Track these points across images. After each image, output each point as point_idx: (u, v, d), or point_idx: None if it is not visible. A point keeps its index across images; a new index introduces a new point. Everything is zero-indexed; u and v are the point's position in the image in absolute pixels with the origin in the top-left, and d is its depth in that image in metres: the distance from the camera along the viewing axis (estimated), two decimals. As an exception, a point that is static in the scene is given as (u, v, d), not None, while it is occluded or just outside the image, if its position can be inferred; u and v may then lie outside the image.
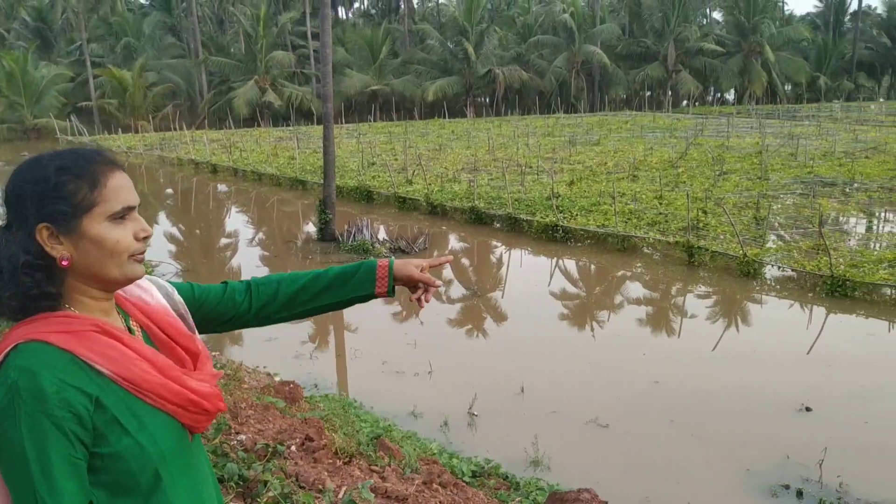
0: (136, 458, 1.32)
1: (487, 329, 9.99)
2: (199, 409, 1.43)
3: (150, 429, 1.34)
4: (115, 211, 1.35)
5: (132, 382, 1.33)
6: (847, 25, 56.22)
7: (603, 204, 14.95)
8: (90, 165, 1.35)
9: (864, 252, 11.70)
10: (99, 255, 1.34)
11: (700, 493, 5.57)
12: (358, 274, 1.81)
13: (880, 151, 22.81)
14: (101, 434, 1.29)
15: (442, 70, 43.86)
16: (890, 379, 7.95)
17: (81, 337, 1.31)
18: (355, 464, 3.46)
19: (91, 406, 1.27)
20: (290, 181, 21.19)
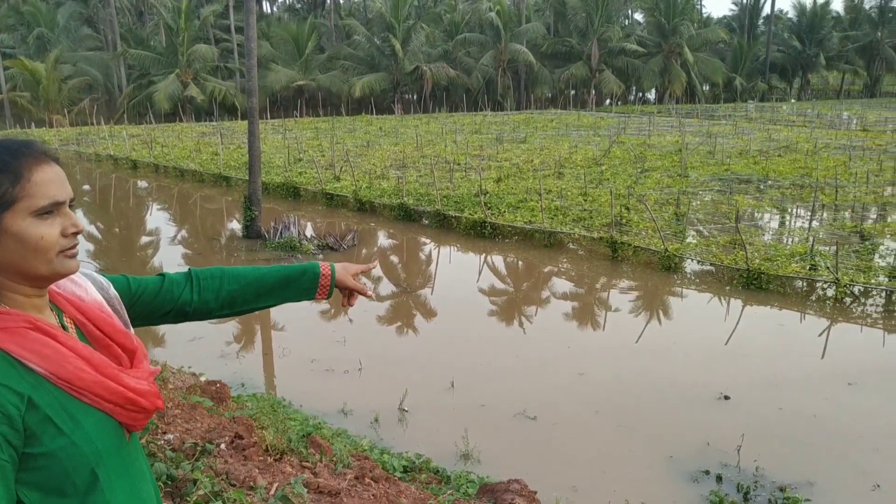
0: (72, 458, 1.28)
1: (417, 325, 10.01)
2: (137, 407, 1.39)
3: (85, 428, 1.31)
4: (39, 206, 1.30)
5: (67, 381, 1.30)
6: (761, 28, 58.45)
7: (530, 201, 15.15)
8: (14, 159, 1.30)
9: (777, 246, 12.19)
10: (23, 253, 1.30)
11: (625, 481, 5.73)
12: (302, 279, 1.85)
13: (792, 150, 23.80)
14: (33, 434, 1.25)
15: (369, 66, 43.63)
16: (802, 368, 8.32)
17: (13, 334, 1.28)
18: (286, 460, 3.43)
19: (22, 406, 1.23)
20: (213, 177, 20.75)
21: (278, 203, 17.28)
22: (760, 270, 10.68)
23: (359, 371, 8.04)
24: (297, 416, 6.13)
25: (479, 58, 45.27)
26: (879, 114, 38.25)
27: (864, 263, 11.17)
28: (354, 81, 41.41)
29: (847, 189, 17.01)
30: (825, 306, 10.19)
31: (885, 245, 12.49)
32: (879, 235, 13.01)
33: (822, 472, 6.00)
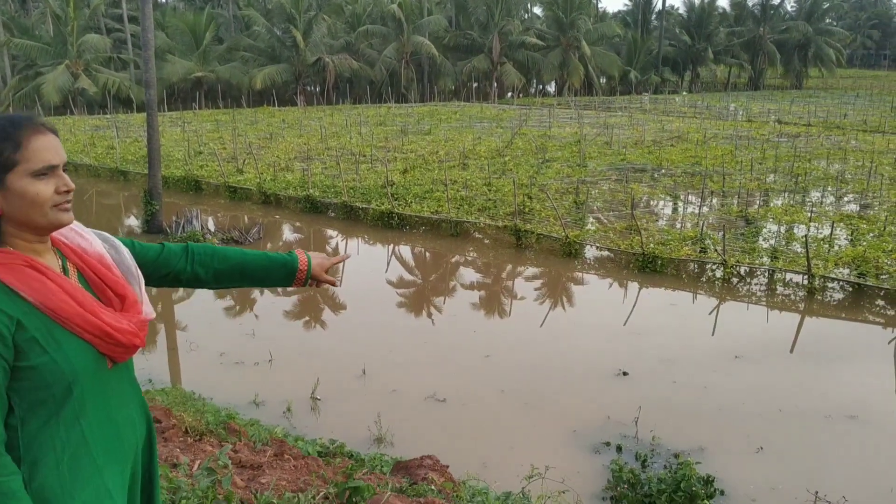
0: (51, 373, 1.58)
1: (327, 317, 10.07)
2: (114, 340, 1.67)
3: (65, 350, 1.60)
4: (36, 169, 1.59)
5: (52, 310, 1.59)
6: (654, 24, 60.54)
7: (436, 191, 15.36)
8: (16, 130, 1.58)
9: (670, 231, 12.83)
10: (23, 206, 1.59)
11: (532, 455, 5.99)
12: (281, 271, 2.15)
13: (683, 140, 24.90)
14: (21, 350, 1.54)
15: (270, 57, 42.82)
16: (693, 344, 8.85)
17: (11, 269, 1.57)
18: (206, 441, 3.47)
19: (12, 326, 1.53)
20: (110, 172, 20.03)
21: (179, 197, 16.89)
22: (655, 254, 11.23)
23: (269, 363, 8.06)
24: (209, 408, 6.11)
25: (381, 50, 45.15)
26: (763, 105, 40.38)
27: (749, 246, 11.90)
28: (255, 73, 40.58)
29: (734, 177, 17.99)
30: (714, 286, 10.83)
31: (768, 228, 13.34)
32: (762, 219, 13.87)
33: (712, 438, 6.45)
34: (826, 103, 41.94)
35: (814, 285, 10.29)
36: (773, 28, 59.14)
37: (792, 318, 9.78)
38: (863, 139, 25.65)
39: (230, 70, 41.09)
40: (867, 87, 59.49)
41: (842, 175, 18.06)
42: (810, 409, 7.03)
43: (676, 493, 5.21)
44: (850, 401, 7.20)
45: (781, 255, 11.42)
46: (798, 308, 10.06)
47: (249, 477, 3.10)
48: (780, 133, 27.58)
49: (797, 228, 13.11)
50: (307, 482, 3.01)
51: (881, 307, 9.91)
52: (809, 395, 7.39)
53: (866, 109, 37.81)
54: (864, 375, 7.96)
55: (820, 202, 15.58)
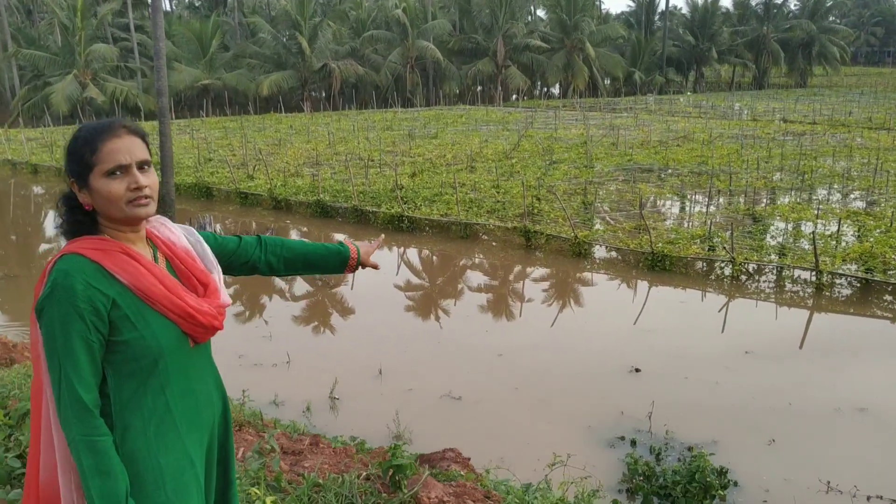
0: (140, 347, 1.80)
1: (342, 319, 10.22)
2: (195, 321, 1.90)
3: (153, 327, 1.82)
4: (108, 169, 1.79)
5: (142, 291, 1.81)
6: (657, 24, 60.70)
7: (445, 194, 15.51)
8: (95, 134, 1.81)
9: (678, 230, 12.95)
10: (103, 202, 1.81)
11: (548, 450, 6.08)
12: (336, 259, 2.44)
13: (689, 140, 25.01)
14: (115, 326, 1.78)
15: (276, 64, 43.10)
16: (704, 340, 8.97)
17: (109, 254, 1.80)
18: (245, 430, 3.62)
19: (108, 304, 1.76)
20: (122, 180, 20.21)
21: (191, 204, 17.08)
22: (664, 253, 11.35)
23: (287, 364, 8.20)
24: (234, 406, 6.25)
25: (386, 55, 45.38)
26: (767, 104, 40.44)
27: (756, 243, 12.01)
28: (262, 80, 40.84)
29: (740, 175, 18.08)
30: (723, 284, 10.94)
31: (775, 226, 13.43)
32: (770, 217, 13.96)
33: (725, 431, 6.57)
34: (831, 101, 41.95)
35: (822, 281, 10.39)
36: (777, 27, 59.15)
37: (801, 314, 9.89)
38: (868, 136, 25.70)
39: (237, 77, 41.36)
40: (872, 84, 59.41)
41: (848, 172, 18.13)
42: (820, 403, 7.15)
43: (691, 485, 5.34)
44: (859, 394, 7.31)
45: (789, 252, 11.53)
46: (807, 304, 10.17)
47: (292, 462, 3.25)
48: (785, 132, 27.64)
49: (804, 226, 13.22)
50: (348, 465, 3.15)
51: (889, 302, 10.01)
52: (819, 389, 7.51)
53: (871, 107, 37.82)
54: (873, 369, 8.07)
55: (826, 199, 15.67)
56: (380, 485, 2.88)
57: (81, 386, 1.72)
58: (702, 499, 5.27)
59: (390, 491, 2.83)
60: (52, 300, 1.72)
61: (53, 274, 1.76)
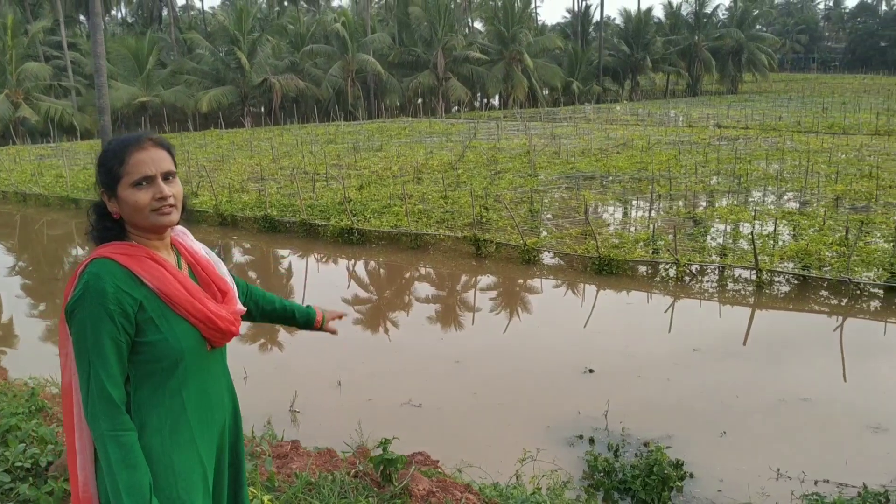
0: (163, 348, 1.91)
1: (298, 333, 10.19)
2: (214, 326, 2.01)
3: (175, 330, 1.93)
4: (134, 180, 1.92)
5: (167, 295, 1.92)
6: (592, 35, 62.00)
7: (393, 206, 15.60)
8: (122, 147, 1.94)
9: (622, 235, 13.28)
10: (130, 211, 1.94)
11: (509, 451, 6.24)
12: (303, 320, 2.67)
13: (628, 147, 25.61)
14: (141, 327, 1.88)
15: (215, 80, 42.62)
16: (653, 340, 9.24)
17: (137, 259, 1.92)
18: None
19: (136, 306, 1.87)
20: (60, 200, 19.77)
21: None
22: (610, 257, 11.64)
23: (244, 380, 8.16)
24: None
25: (327, 68, 45.30)
26: (702, 111, 41.63)
27: (698, 245, 12.42)
28: (201, 96, 40.32)
29: (679, 180, 18.63)
30: (668, 285, 11.27)
31: (715, 228, 13.90)
32: (709, 219, 14.44)
33: (678, 426, 6.80)
34: (761, 106, 43.42)
35: (762, 279, 10.80)
36: (708, 36, 61.04)
37: (743, 312, 10.27)
38: (798, 139, 26.72)
39: (175, 94, 40.76)
40: (798, 89, 61.74)
41: (781, 174, 18.84)
42: (766, 395, 7.45)
43: (650, 478, 5.53)
44: (802, 385, 7.65)
45: (730, 253, 11.95)
46: (748, 302, 10.55)
47: (279, 465, 3.30)
48: (719, 137, 28.53)
49: (742, 226, 13.70)
50: (335, 465, 3.21)
51: (825, 297, 10.46)
52: (764, 382, 7.82)
53: (799, 111, 39.30)
54: (813, 361, 8.45)
55: (762, 201, 16.27)
56: (370, 480, 2.96)
57: (110, 383, 1.82)
58: (660, 491, 5.47)
59: (381, 485, 2.91)
60: (83, 301, 1.83)
61: (85, 276, 1.86)
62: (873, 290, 10.41)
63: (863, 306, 10.13)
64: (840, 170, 18.89)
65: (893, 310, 9.95)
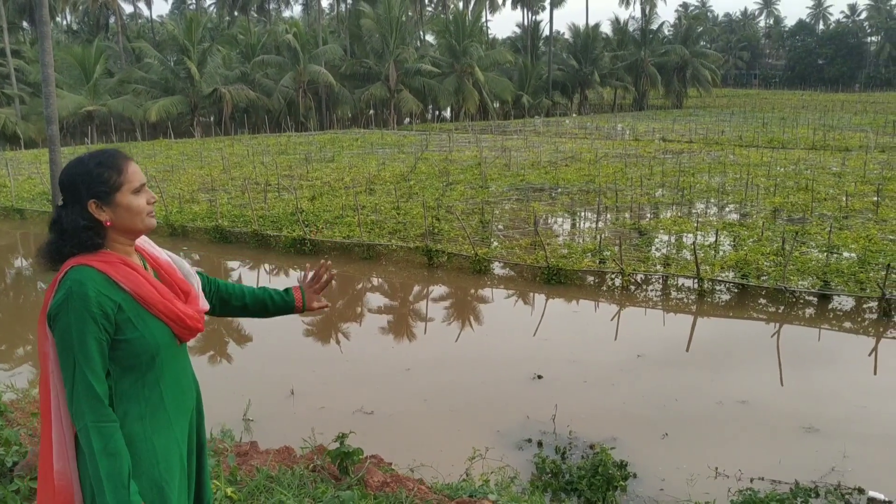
0: (140, 345, 2.09)
1: (251, 344, 10.22)
2: (184, 324, 2.21)
3: (151, 328, 2.12)
4: (135, 187, 2.14)
5: (142, 297, 2.11)
6: (542, 49, 62.98)
7: (346, 216, 15.69)
8: (116, 160, 2.15)
9: (571, 245, 13.60)
10: (128, 216, 2.13)
11: (460, 454, 6.39)
12: (283, 303, 2.65)
13: (576, 160, 26.12)
14: (119, 327, 2.06)
15: (164, 89, 42.11)
16: (599, 347, 9.53)
17: (113, 265, 2.10)
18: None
19: (115, 308, 2.05)
20: (4, 211, 19.36)
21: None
22: (559, 267, 11.93)
23: (196, 389, 8.17)
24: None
25: (278, 79, 45.12)
26: (648, 125, 42.62)
27: (643, 255, 12.79)
28: (149, 105, 39.78)
29: (625, 192, 19.10)
30: (614, 294, 11.60)
31: (659, 238, 14.32)
32: (654, 230, 14.87)
33: (623, 429, 7.06)
34: (705, 121, 44.62)
35: (703, 288, 11.20)
36: (654, 52, 62.51)
37: (686, 319, 10.63)
38: (739, 153, 27.58)
39: (123, 103, 40.13)
40: (741, 104, 63.62)
41: (722, 187, 19.45)
42: (706, 398, 7.77)
43: (595, 478, 5.75)
44: (740, 389, 7.99)
45: (673, 262, 12.34)
46: (691, 310, 10.93)
47: (240, 462, 3.39)
48: (664, 150, 29.27)
49: (685, 237, 14.15)
50: (294, 461, 3.31)
51: (763, 305, 10.89)
52: (705, 386, 8.14)
53: (741, 126, 40.50)
54: (751, 366, 8.81)
55: (704, 212, 16.80)
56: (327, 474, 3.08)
57: (95, 379, 2.00)
58: (605, 490, 5.69)
59: (338, 478, 3.04)
60: (67, 305, 1.99)
61: (67, 282, 2.02)
62: (808, 297, 10.88)
63: (798, 313, 10.58)
64: (778, 183, 19.59)
65: (827, 317, 10.41)
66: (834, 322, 10.24)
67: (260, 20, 67.00)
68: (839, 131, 35.66)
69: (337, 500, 2.82)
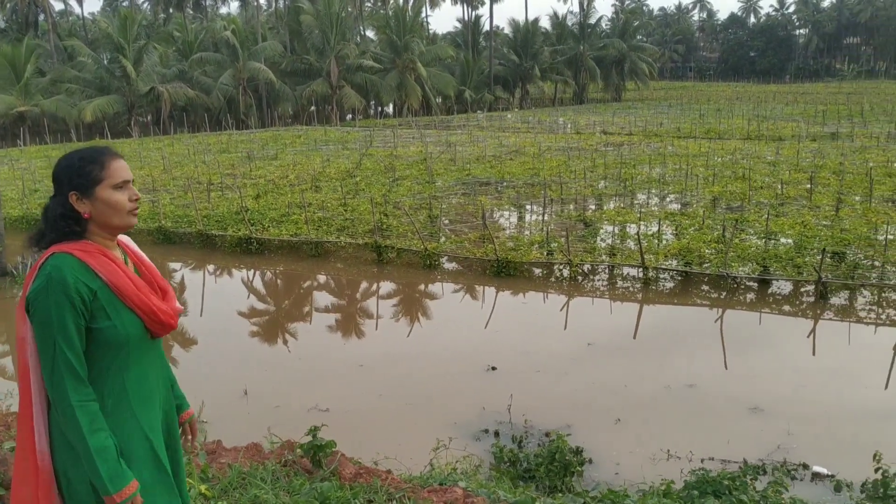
0: (110, 334, 2.15)
1: (199, 345, 10.08)
2: (157, 318, 2.25)
3: (123, 319, 2.17)
4: (116, 183, 2.19)
5: (117, 287, 2.16)
6: (483, 44, 63.25)
7: (292, 214, 15.55)
8: (100, 156, 2.21)
9: (518, 238, 13.75)
10: (107, 211, 2.18)
11: (418, 448, 6.44)
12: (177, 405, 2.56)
13: (520, 154, 26.36)
14: (93, 314, 2.12)
15: (98, 88, 40.95)
16: (549, 337, 9.68)
17: (91, 255, 2.16)
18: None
19: (91, 295, 2.11)
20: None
21: (18, 238, 16.02)
22: (508, 260, 12.06)
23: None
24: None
25: (217, 77, 44.30)
26: (588, 118, 43.21)
27: (589, 246, 13.01)
28: (84, 105, 38.62)
29: (569, 185, 19.37)
30: (563, 285, 11.78)
31: (604, 229, 14.58)
32: (599, 221, 15.13)
33: (577, 416, 7.20)
34: (643, 114, 45.47)
35: (648, 276, 11.46)
36: (592, 46, 63.36)
37: (632, 307, 10.87)
38: (678, 145, 28.20)
39: (56, 103, 38.89)
40: (677, 97, 64.99)
41: (663, 178, 19.89)
42: (655, 383, 7.97)
43: (552, 464, 5.86)
44: (687, 373, 8.22)
45: (618, 252, 12.60)
46: (637, 298, 11.17)
47: (209, 459, 3.37)
48: (606, 143, 29.75)
49: (629, 227, 14.42)
50: (263, 456, 3.31)
51: (706, 291, 11.20)
52: (653, 371, 8.35)
53: (678, 118, 41.41)
54: (697, 350, 9.07)
55: (647, 203, 17.16)
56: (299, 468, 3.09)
57: (76, 360, 2.07)
58: (563, 476, 5.81)
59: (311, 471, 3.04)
60: (47, 290, 2.05)
61: (48, 268, 2.08)
62: (749, 283, 11.22)
63: (740, 298, 10.91)
64: (717, 172, 20.11)
65: (767, 301, 10.77)
66: (774, 306, 10.59)
67: (196, 17, 65.72)
68: (772, 121, 36.76)
69: (315, 491, 2.83)
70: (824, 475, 5.96)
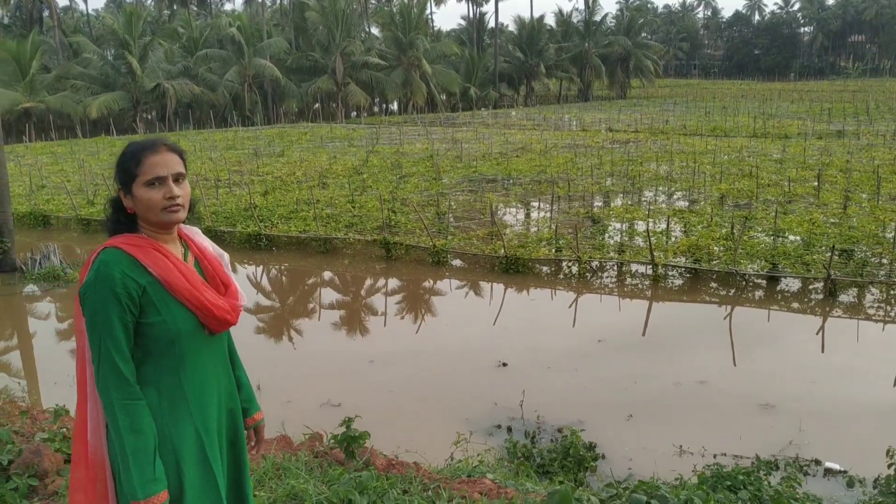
0: (162, 330, 2.13)
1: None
2: (210, 313, 2.22)
3: (174, 314, 2.15)
4: (148, 180, 2.14)
5: (168, 282, 2.14)
6: (487, 41, 63.25)
7: (301, 211, 15.59)
8: (140, 150, 2.17)
9: (527, 235, 13.78)
10: (142, 207, 2.15)
11: (432, 442, 6.49)
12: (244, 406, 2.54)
13: (526, 151, 26.37)
14: (143, 309, 2.11)
15: (104, 85, 41.03)
16: (559, 334, 9.71)
17: (143, 249, 2.14)
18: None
19: (140, 291, 2.09)
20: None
21: (27, 234, 16.11)
22: (516, 256, 12.08)
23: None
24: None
25: (222, 73, 44.36)
26: (594, 115, 43.21)
27: (597, 243, 13.04)
28: (90, 102, 38.70)
29: (577, 182, 19.38)
30: (571, 281, 11.80)
31: (612, 226, 14.59)
32: (607, 219, 15.14)
33: (588, 412, 7.23)
34: (649, 111, 45.43)
35: (657, 273, 11.47)
36: (597, 43, 63.31)
37: (642, 304, 10.89)
38: (684, 142, 28.19)
39: (61, 99, 39.00)
40: (682, 94, 64.91)
41: (670, 175, 19.90)
42: (666, 380, 7.99)
43: (567, 460, 5.90)
44: (697, 369, 8.24)
45: (627, 249, 12.61)
46: (646, 295, 11.19)
47: None
48: (612, 140, 29.74)
49: (637, 224, 14.44)
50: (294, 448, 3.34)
51: (715, 288, 11.21)
52: (663, 368, 8.37)
53: (684, 115, 41.36)
54: (707, 348, 9.09)
55: (654, 200, 17.16)
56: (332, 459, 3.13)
57: (120, 357, 2.06)
58: (577, 472, 5.84)
59: (344, 462, 3.08)
60: (94, 286, 2.06)
61: (96, 264, 2.10)
62: (757, 280, 11.24)
63: (749, 295, 10.93)
64: (723, 170, 20.10)
65: (776, 298, 10.78)
66: (782, 303, 10.60)
67: (200, 14, 65.76)
68: (778, 119, 36.69)
69: (354, 481, 2.86)
70: (837, 471, 5.98)
